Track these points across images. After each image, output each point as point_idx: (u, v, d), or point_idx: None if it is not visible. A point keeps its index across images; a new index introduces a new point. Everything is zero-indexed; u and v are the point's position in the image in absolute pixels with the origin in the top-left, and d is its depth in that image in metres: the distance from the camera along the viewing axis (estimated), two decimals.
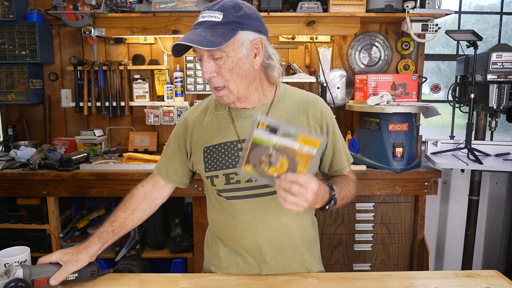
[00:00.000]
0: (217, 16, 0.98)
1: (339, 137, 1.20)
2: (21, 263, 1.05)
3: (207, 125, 1.16)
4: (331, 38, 2.65)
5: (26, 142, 2.60)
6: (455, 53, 2.85)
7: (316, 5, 2.35)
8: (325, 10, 2.39)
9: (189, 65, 2.58)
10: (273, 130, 0.87)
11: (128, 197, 1.21)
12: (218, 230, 1.20)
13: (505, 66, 2.13)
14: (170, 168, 1.22)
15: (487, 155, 2.32)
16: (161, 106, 2.63)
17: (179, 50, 1.03)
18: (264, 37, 1.05)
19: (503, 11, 2.80)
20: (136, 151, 2.59)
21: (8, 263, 1.02)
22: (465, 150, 2.27)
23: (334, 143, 1.17)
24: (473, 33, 2.11)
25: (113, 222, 1.14)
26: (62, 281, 1.00)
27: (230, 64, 1.00)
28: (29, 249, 1.10)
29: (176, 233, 2.28)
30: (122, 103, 2.61)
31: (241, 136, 1.11)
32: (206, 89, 2.61)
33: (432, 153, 2.37)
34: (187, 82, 2.59)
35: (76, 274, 1.02)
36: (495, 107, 2.18)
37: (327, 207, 1.01)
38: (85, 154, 2.34)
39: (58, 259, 1.02)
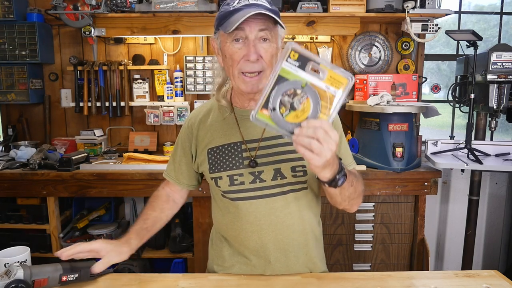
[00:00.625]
0: (267, 2, 1.00)
1: (342, 136, 1.17)
2: (21, 263, 1.05)
3: (211, 126, 1.16)
4: (331, 38, 2.65)
5: (26, 142, 2.60)
6: (455, 53, 2.85)
7: (316, 5, 2.35)
8: (325, 10, 2.39)
9: (189, 65, 2.58)
10: (303, 63, 0.76)
11: (153, 198, 1.26)
12: (223, 231, 1.20)
13: (505, 66, 2.13)
14: (178, 172, 1.24)
15: (487, 155, 2.32)
16: (161, 106, 2.63)
17: (233, 23, 0.97)
18: None
19: (503, 11, 2.80)
20: (136, 151, 2.59)
21: (8, 263, 1.02)
22: (465, 150, 2.27)
23: (339, 143, 1.13)
24: (473, 33, 2.11)
25: (146, 220, 1.18)
26: (62, 281, 1.00)
27: (274, 50, 1.01)
28: (29, 249, 1.10)
29: (176, 233, 2.28)
30: (122, 103, 2.61)
31: (245, 137, 1.11)
32: (206, 89, 2.61)
33: (432, 153, 2.37)
34: (187, 82, 2.59)
35: (76, 274, 1.02)
36: (495, 107, 2.18)
37: (337, 176, 0.89)
38: (85, 154, 2.34)
39: (100, 248, 1.04)
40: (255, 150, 1.10)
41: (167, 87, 2.61)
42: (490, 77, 2.14)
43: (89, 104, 2.60)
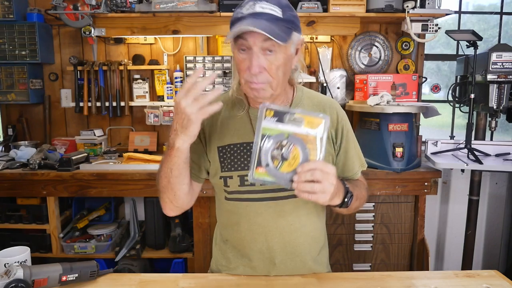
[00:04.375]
0: (277, 11, 0.94)
1: (352, 143, 1.17)
2: (21, 263, 1.05)
3: (222, 123, 1.12)
4: (331, 38, 2.65)
5: (26, 142, 2.60)
6: (455, 53, 2.84)
7: (316, 5, 2.35)
8: (325, 10, 2.38)
9: (189, 65, 2.57)
10: (281, 117, 0.83)
11: None
12: (227, 232, 1.19)
13: (505, 66, 2.13)
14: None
15: (487, 155, 2.32)
16: (161, 106, 2.62)
17: (233, 33, 0.95)
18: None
19: (503, 11, 2.80)
20: (136, 151, 2.58)
21: (8, 263, 1.02)
22: (465, 150, 2.27)
23: (346, 149, 1.15)
24: (473, 33, 2.11)
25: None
26: (62, 281, 1.00)
27: (281, 61, 0.97)
28: (29, 249, 1.09)
29: (176, 233, 2.28)
30: (122, 103, 2.61)
31: None
32: (206, 89, 2.60)
33: (432, 153, 2.37)
34: None
35: (76, 274, 1.02)
36: (495, 107, 2.18)
37: (345, 199, 0.95)
38: (85, 154, 2.34)
39: None
40: None
41: (167, 87, 2.61)
42: (490, 77, 2.14)
43: (89, 104, 2.60)
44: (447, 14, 2.38)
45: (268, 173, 0.85)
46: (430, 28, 2.37)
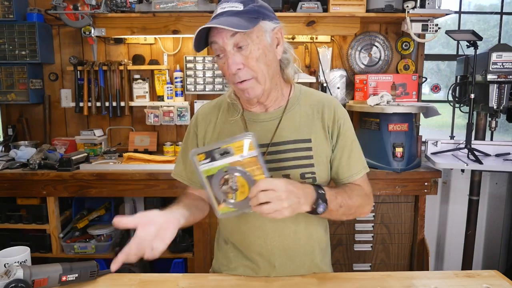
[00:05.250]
0: (238, 6, 0.96)
1: (352, 142, 1.12)
2: (21, 263, 1.05)
3: (218, 128, 1.13)
4: (331, 38, 2.65)
5: (26, 142, 2.60)
6: (455, 53, 2.84)
7: (316, 5, 2.35)
8: (325, 10, 2.38)
9: (189, 65, 2.58)
10: (211, 156, 0.87)
11: (184, 196, 1.18)
12: (228, 234, 1.19)
13: (505, 66, 2.13)
14: (189, 171, 1.18)
15: (487, 155, 2.32)
16: (161, 106, 2.63)
17: (199, 44, 0.99)
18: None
19: (503, 11, 2.80)
20: (136, 151, 2.59)
21: (8, 263, 1.02)
22: (465, 150, 2.27)
23: (343, 147, 1.11)
24: (473, 33, 2.11)
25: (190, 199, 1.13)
26: (62, 281, 1.00)
27: (257, 52, 0.97)
28: (29, 249, 1.10)
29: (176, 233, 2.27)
30: (122, 103, 2.61)
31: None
32: (206, 89, 2.61)
33: (432, 153, 2.37)
34: (187, 82, 2.59)
35: (76, 274, 1.02)
36: (495, 107, 2.18)
37: (315, 207, 0.93)
38: (85, 154, 2.34)
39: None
40: (264, 155, 1.06)
41: (167, 87, 2.61)
42: (490, 77, 2.14)
43: (89, 104, 2.60)
44: (447, 14, 2.38)
45: (228, 207, 0.91)
46: (430, 28, 2.37)
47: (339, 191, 1.04)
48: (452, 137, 2.65)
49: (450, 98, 2.47)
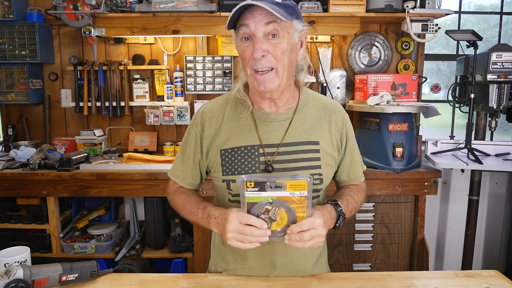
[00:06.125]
0: None
1: (356, 145, 1.19)
2: (21, 263, 1.05)
3: (226, 126, 1.10)
4: (331, 38, 2.65)
5: (26, 142, 2.60)
6: (455, 53, 2.84)
7: (316, 5, 2.35)
8: (325, 10, 2.38)
9: (189, 65, 2.58)
10: (262, 186, 0.89)
11: (187, 196, 1.18)
12: None
13: (505, 66, 2.13)
14: (185, 171, 1.17)
15: (487, 155, 2.32)
16: (161, 106, 2.63)
17: (231, 22, 0.97)
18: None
19: (503, 11, 2.80)
20: (136, 151, 2.59)
21: (8, 263, 1.02)
22: (465, 150, 2.27)
23: (352, 151, 1.17)
24: (473, 33, 2.11)
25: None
26: (62, 281, 1.00)
27: (285, 45, 0.97)
28: (29, 249, 1.10)
29: (176, 233, 2.28)
30: (122, 103, 2.61)
31: (264, 141, 1.07)
32: (206, 89, 2.61)
33: (432, 153, 2.37)
34: (187, 82, 2.59)
35: (76, 274, 1.02)
36: (495, 107, 2.18)
37: (337, 224, 1.04)
38: (85, 154, 2.34)
39: None
40: (273, 155, 1.06)
41: (167, 87, 2.61)
42: (490, 77, 2.14)
43: (89, 104, 2.60)
44: (447, 14, 2.38)
45: None
46: (430, 28, 2.37)
47: (347, 199, 1.12)
48: (452, 137, 2.65)
49: (450, 98, 2.47)
